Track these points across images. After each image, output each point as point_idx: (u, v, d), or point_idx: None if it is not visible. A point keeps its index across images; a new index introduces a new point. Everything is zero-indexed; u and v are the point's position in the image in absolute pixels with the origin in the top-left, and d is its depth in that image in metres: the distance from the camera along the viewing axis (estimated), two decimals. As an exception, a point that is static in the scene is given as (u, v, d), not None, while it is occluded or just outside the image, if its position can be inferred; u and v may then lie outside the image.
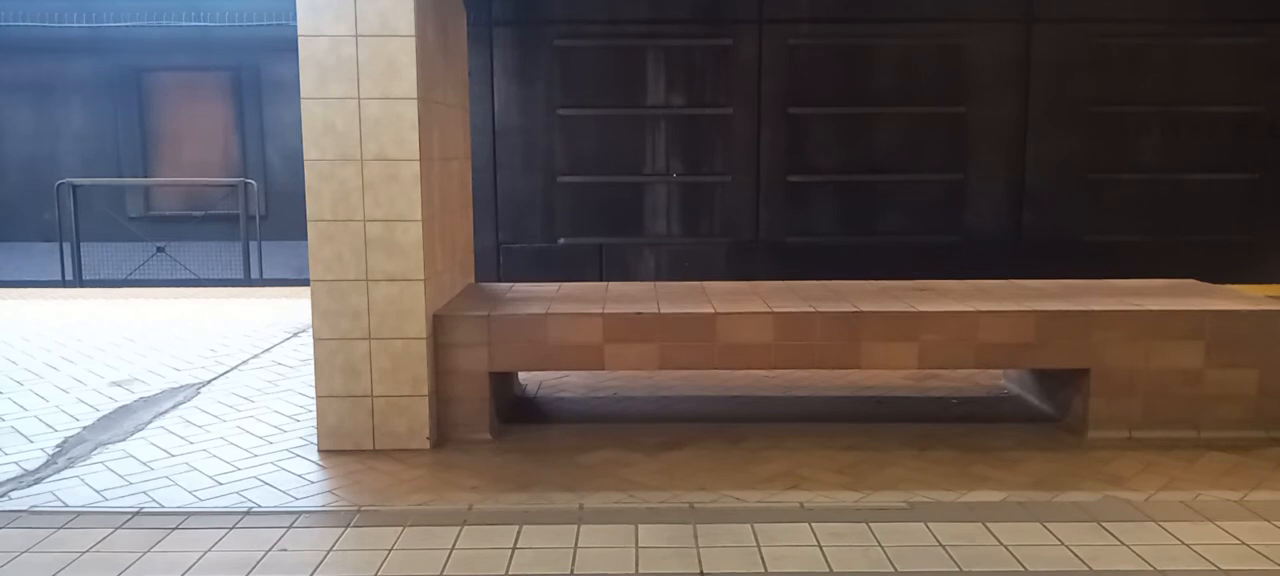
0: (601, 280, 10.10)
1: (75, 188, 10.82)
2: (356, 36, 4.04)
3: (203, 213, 12.91)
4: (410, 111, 4.08)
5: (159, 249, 11.21)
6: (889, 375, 5.44)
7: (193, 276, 11.09)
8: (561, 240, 10.86)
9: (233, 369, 5.68)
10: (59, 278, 10.73)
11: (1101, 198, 10.72)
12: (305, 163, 4.08)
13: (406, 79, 4.06)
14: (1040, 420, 4.70)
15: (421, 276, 4.14)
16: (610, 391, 5.24)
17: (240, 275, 10.76)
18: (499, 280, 10.56)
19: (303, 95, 4.06)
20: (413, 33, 4.04)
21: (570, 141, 10.72)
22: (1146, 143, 10.68)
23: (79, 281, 10.42)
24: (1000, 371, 5.36)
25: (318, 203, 4.11)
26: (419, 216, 4.11)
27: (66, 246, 10.60)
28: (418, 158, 4.09)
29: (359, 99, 4.07)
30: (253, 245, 10.84)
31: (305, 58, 4.05)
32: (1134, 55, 10.50)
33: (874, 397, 5.14)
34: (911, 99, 10.74)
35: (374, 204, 4.11)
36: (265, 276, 10.72)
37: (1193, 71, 10.47)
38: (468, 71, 5.09)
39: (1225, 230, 10.59)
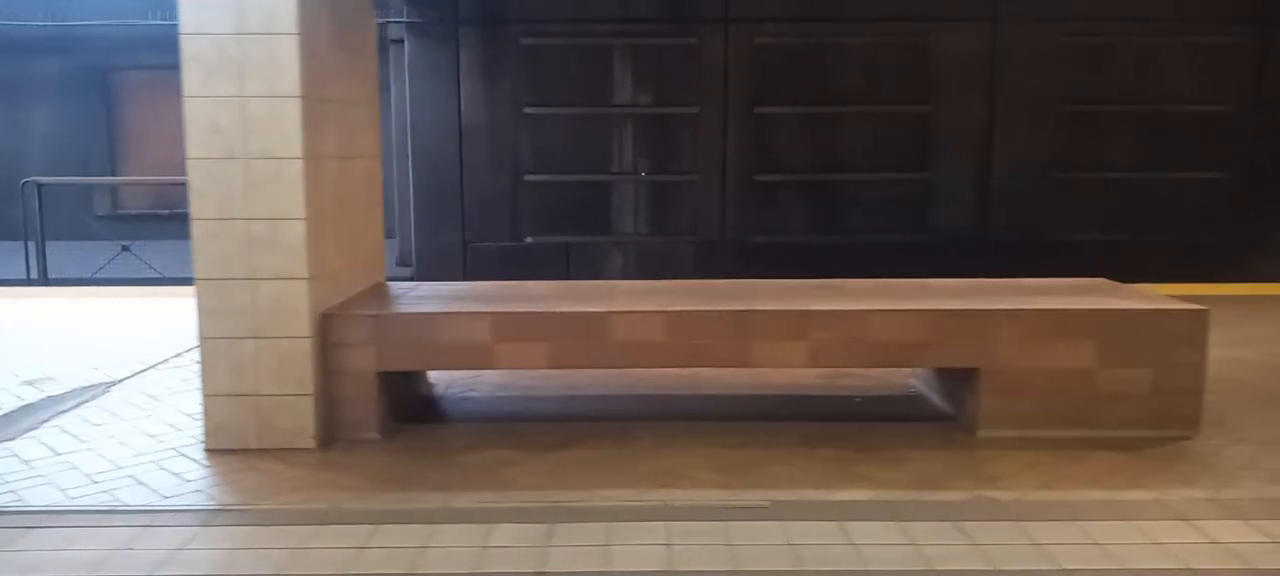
0: (568, 278, 10.08)
1: (40, 186, 10.84)
2: (241, 34, 4.03)
3: (169, 211, 12.94)
4: (294, 110, 4.07)
5: (124, 248, 11.24)
6: (802, 373, 5.40)
7: (158, 275, 11.09)
8: (528, 239, 10.84)
9: (151, 367, 5.68)
10: (24, 276, 10.75)
11: (1068, 196, 10.66)
12: (188, 162, 4.07)
13: (291, 76, 4.05)
14: (939, 419, 4.67)
15: (306, 275, 4.13)
16: (520, 390, 5.23)
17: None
18: (465, 279, 10.54)
19: (186, 94, 4.05)
20: (297, 30, 4.03)
21: (536, 140, 10.71)
22: (1113, 141, 10.62)
23: (44, 280, 10.45)
24: (910, 370, 5.33)
25: (203, 201, 4.10)
26: (304, 214, 4.10)
27: (31, 245, 10.62)
28: (302, 156, 4.08)
29: (243, 97, 4.06)
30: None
31: (189, 55, 4.03)
32: (1100, 54, 10.44)
33: (780, 396, 5.12)
34: (877, 98, 10.71)
35: (259, 202, 4.10)
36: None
37: (1159, 70, 10.41)
38: (376, 70, 5.07)
39: (1192, 229, 10.53)
